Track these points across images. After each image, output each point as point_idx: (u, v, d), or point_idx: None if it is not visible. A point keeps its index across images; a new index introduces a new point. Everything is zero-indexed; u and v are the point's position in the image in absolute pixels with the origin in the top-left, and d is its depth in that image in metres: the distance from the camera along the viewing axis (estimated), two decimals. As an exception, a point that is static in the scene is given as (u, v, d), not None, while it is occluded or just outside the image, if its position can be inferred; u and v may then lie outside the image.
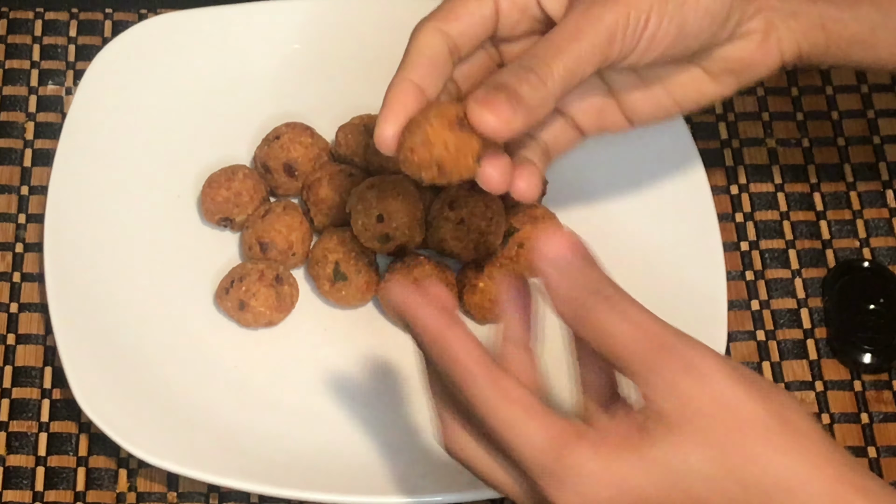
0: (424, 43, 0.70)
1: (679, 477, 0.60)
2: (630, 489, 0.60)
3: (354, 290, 0.82)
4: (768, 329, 0.86)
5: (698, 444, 0.60)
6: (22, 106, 0.92)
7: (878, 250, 0.88)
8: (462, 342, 0.62)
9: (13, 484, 0.80)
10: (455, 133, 0.66)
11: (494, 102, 0.66)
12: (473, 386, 0.62)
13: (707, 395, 0.60)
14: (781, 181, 0.90)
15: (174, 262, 0.85)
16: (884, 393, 0.84)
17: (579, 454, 0.60)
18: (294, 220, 0.84)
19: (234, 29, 0.90)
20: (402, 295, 0.64)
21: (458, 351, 0.62)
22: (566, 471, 0.60)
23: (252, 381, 0.81)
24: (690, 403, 0.60)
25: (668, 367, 0.60)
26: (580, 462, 0.60)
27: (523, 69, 0.67)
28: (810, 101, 0.93)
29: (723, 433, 0.60)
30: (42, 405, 0.82)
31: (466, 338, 0.63)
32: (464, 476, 0.77)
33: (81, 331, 0.80)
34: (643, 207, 0.86)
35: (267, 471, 0.77)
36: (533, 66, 0.67)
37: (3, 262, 0.86)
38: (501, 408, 0.61)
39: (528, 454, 0.61)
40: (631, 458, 0.60)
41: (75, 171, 0.85)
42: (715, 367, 0.60)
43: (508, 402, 0.61)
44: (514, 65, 0.68)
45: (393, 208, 0.81)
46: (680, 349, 0.60)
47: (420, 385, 0.74)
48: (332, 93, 0.90)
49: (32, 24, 0.94)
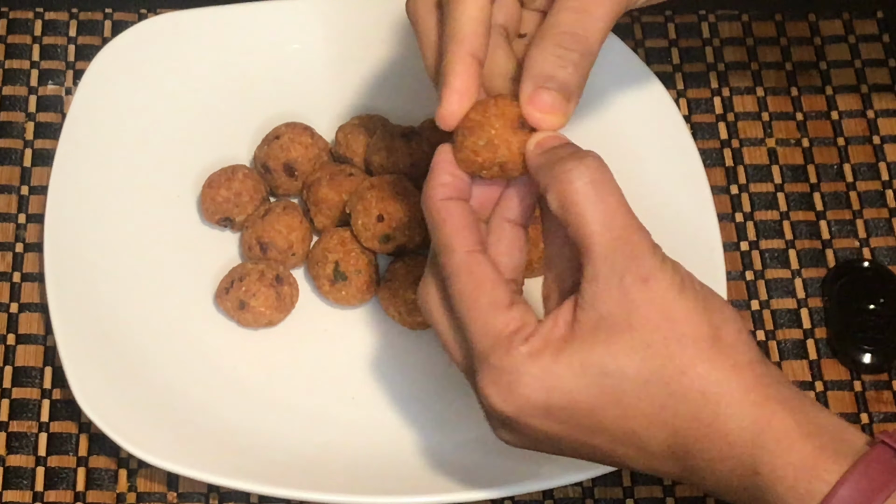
0: (473, 5, 0.68)
1: (612, 381, 0.63)
2: (562, 393, 0.63)
3: (354, 290, 0.82)
4: (768, 329, 0.86)
5: (636, 351, 0.63)
6: (22, 106, 0.92)
7: (878, 250, 0.88)
8: (452, 213, 0.66)
9: (13, 484, 0.80)
10: (517, 135, 0.67)
11: (549, 103, 0.67)
12: (449, 260, 0.66)
13: (655, 307, 0.63)
14: (781, 181, 0.90)
15: (174, 262, 0.85)
16: (884, 393, 0.84)
17: (520, 357, 0.64)
18: (294, 220, 0.83)
19: (233, 29, 0.90)
20: (440, 157, 0.68)
21: (445, 219, 0.66)
22: (503, 369, 0.64)
23: (252, 381, 0.81)
24: (637, 312, 0.63)
25: (627, 272, 0.63)
26: (518, 364, 0.64)
27: (563, 48, 0.67)
28: (810, 101, 0.93)
29: (662, 344, 0.63)
30: (42, 405, 0.82)
31: (459, 211, 0.66)
32: (464, 476, 0.77)
33: (81, 331, 0.80)
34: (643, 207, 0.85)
35: (267, 471, 0.77)
36: (570, 42, 0.67)
37: (3, 262, 0.86)
38: (466, 290, 0.65)
39: (477, 341, 0.65)
40: (568, 361, 0.63)
41: (75, 171, 0.85)
42: (668, 280, 0.63)
43: (474, 286, 0.65)
44: (548, 42, 0.67)
45: (393, 208, 0.81)
46: (641, 255, 0.63)
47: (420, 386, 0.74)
48: (332, 93, 0.90)
49: (32, 24, 0.94)
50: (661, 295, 0.63)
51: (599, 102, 0.87)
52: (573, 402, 0.64)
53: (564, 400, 0.64)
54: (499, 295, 0.65)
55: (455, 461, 0.78)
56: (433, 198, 0.67)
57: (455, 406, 0.80)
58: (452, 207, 0.67)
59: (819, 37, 0.95)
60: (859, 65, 0.94)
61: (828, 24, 0.96)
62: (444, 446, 0.79)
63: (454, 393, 0.80)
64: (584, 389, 0.63)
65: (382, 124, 0.87)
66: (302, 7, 0.91)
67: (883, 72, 0.94)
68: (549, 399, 0.64)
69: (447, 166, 0.68)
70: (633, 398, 0.63)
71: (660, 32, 0.95)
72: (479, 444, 0.78)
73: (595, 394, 0.63)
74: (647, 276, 0.63)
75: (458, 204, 0.67)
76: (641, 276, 0.63)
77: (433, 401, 0.81)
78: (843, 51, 0.95)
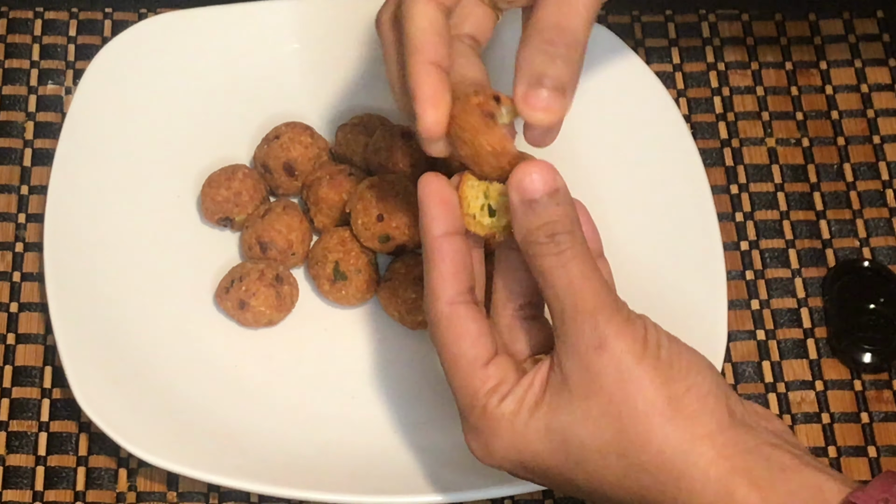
0: (423, 17, 0.68)
1: (573, 449, 0.64)
2: (532, 454, 0.66)
3: (354, 290, 0.82)
4: (768, 328, 0.86)
5: (593, 421, 0.63)
6: (22, 105, 0.92)
7: (878, 250, 0.88)
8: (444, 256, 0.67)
9: (13, 483, 0.80)
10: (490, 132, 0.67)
11: (544, 100, 0.66)
12: (431, 307, 0.67)
13: (611, 376, 0.63)
14: (781, 181, 0.90)
15: (174, 262, 0.85)
16: (884, 392, 0.84)
17: (494, 419, 0.66)
18: (294, 220, 0.84)
19: (233, 29, 0.90)
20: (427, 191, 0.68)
21: (435, 263, 0.67)
22: (479, 429, 0.67)
23: (252, 380, 0.81)
24: (595, 380, 0.63)
25: (583, 337, 0.63)
26: (491, 425, 0.66)
27: (549, 45, 0.67)
28: (810, 101, 0.93)
29: (615, 417, 0.63)
30: (42, 405, 0.82)
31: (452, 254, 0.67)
32: (464, 476, 0.77)
33: (81, 330, 0.80)
34: (643, 207, 0.86)
35: (267, 471, 0.77)
36: (555, 37, 0.67)
37: (3, 261, 0.86)
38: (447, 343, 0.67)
39: (458, 395, 0.68)
40: (536, 426, 0.65)
41: (75, 171, 0.85)
42: (625, 348, 0.63)
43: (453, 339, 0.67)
44: (534, 40, 0.67)
45: (393, 208, 0.81)
46: (600, 322, 0.63)
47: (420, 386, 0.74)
48: (332, 93, 0.90)
49: (32, 24, 0.94)
50: (616, 363, 0.63)
51: (599, 102, 0.87)
52: (543, 462, 0.66)
53: (535, 461, 0.66)
54: (478, 351, 0.67)
55: (455, 461, 0.78)
56: (429, 234, 0.68)
57: (455, 406, 0.80)
58: (445, 249, 0.67)
59: (819, 36, 0.95)
60: (859, 64, 0.94)
61: (828, 23, 0.96)
62: (444, 446, 0.79)
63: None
64: (550, 453, 0.65)
65: (382, 124, 0.87)
66: (301, 7, 0.91)
67: (883, 71, 0.94)
68: (522, 458, 0.66)
69: (435, 197, 0.68)
70: (594, 465, 0.64)
71: (660, 32, 0.95)
72: (479, 443, 0.78)
73: (561, 458, 0.65)
74: (601, 342, 0.63)
75: (452, 242, 0.67)
76: (596, 342, 0.63)
77: (433, 401, 0.81)
78: (844, 50, 0.95)
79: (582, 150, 0.86)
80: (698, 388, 0.63)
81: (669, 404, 0.63)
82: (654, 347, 0.64)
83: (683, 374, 0.63)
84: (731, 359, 0.84)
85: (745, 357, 0.85)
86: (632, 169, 0.87)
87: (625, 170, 0.87)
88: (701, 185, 0.85)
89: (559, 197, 0.66)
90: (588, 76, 0.69)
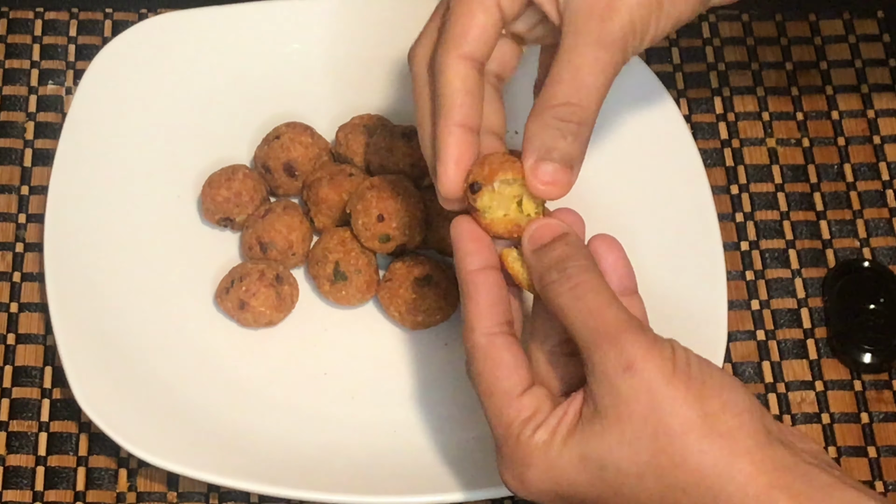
0: (456, 76, 0.69)
1: (609, 475, 0.63)
2: (567, 484, 0.65)
3: (354, 290, 0.82)
4: (768, 329, 0.86)
5: (628, 445, 0.63)
6: (22, 106, 0.92)
7: (879, 250, 0.88)
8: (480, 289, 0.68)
9: (13, 484, 0.80)
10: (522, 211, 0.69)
11: (551, 175, 0.68)
12: (469, 337, 0.68)
13: (642, 397, 0.62)
14: (781, 181, 0.90)
15: (174, 262, 0.85)
16: (884, 393, 0.84)
17: (528, 449, 0.65)
18: (294, 220, 0.84)
19: (233, 29, 0.90)
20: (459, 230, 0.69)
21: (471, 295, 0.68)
22: (514, 460, 0.66)
23: (252, 381, 0.81)
24: (626, 404, 0.63)
25: (610, 362, 0.63)
26: (526, 456, 0.65)
27: (561, 121, 0.68)
28: (810, 101, 0.93)
29: (651, 438, 0.62)
30: (42, 405, 0.82)
31: (488, 287, 0.68)
32: (464, 476, 0.77)
33: (81, 331, 0.80)
34: (643, 207, 0.86)
35: (267, 471, 0.77)
36: (567, 115, 0.68)
37: (4, 261, 0.86)
38: (483, 374, 0.67)
39: (493, 425, 0.67)
40: (569, 455, 0.64)
41: (75, 171, 0.85)
42: (654, 369, 0.63)
43: (489, 371, 0.67)
44: (546, 115, 0.68)
45: (393, 208, 0.81)
46: (626, 345, 0.63)
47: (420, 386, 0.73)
48: (332, 93, 0.90)
49: (32, 24, 0.94)
50: (647, 384, 0.62)
51: (599, 102, 0.87)
52: (579, 492, 0.65)
53: (572, 490, 0.65)
54: (513, 383, 0.66)
55: (455, 461, 0.78)
56: (464, 269, 0.68)
57: (455, 406, 0.80)
58: (481, 282, 0.68)
59: (819, 36, 0.95)
60: (860, 65, 0.94)
61: (828, 23, 0.96)
62: (445, 446, 0.79)
63: (454, 393, 0.80)
64: (586, 482, 0.64)
65: (382, 124, 0.87)
66: (302, 7, 0.91)
67: (883, 72, 0.94)
68: (558, 489, 0.65)
69: (467, 234, 0.69)
70: (632, 489, 0.63)
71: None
72: (479, 443, 0.78)
73: (598, 486, 0.64)
74: (629, 364, 0.63)
75: (487, 276, 0.68)
76: (624, 364, 0.63)
77: (433, 401, 0.81)
78: (844, 51, 0.95)
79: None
80: (734, 405, 0.63)
81: (705, 422, 0.62)
82: (685, 366, 0.63)
83: (717, 391, 0.63)
84: (731, 359, 0.84)
85: (745, 357, 0.85)
86: (632, 169, 0.87)
87: (625, 170, 0.87)
88: (701, 185, 0.85)
89: (568, 239, 0.67)
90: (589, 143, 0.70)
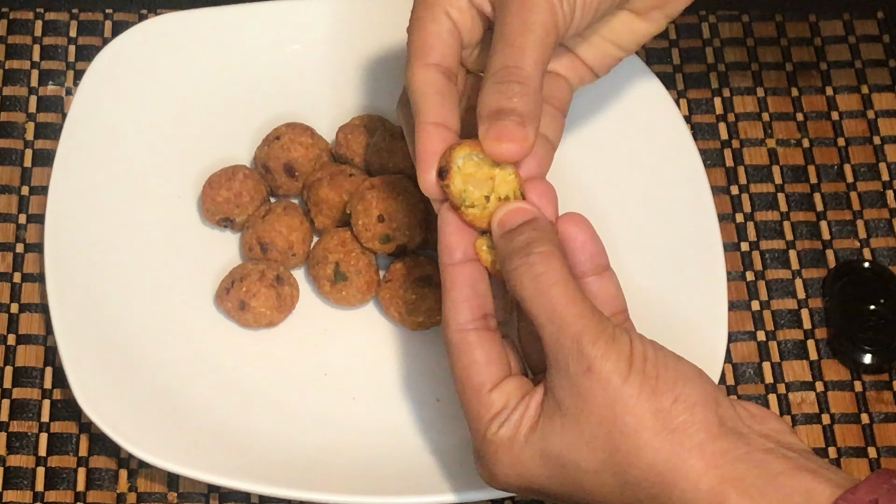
0: (423, 81, 0.71)
1: (569, 472, 0.65)
2: (531, 478, 0.67)
3: (354, 291, 0.82)
4: (769, 329, 0.86)
5: (586, 443, 0.65)
6: (22, 106, 0.92)
7: (879, 250, 0.88)
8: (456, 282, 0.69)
9: (13, 484, 0.80)
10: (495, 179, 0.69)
11: (504, 132, 0.68)
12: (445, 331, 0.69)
13: (599, 397, 0.64)
14: (781, 181, 0.90)
15: (174, 263, 0.85)
16: (884, 393, 0.84)
17: (493, 445, 0.67)
18: (294, 221, 0.84)
19: (233, 29, 0.90)
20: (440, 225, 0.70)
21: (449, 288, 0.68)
22: (483, 455, 0.68)
23: (252, 381, 0.81)
24: (585, 403, 0.64)
25: (571, 362, 0.64)
26: (492, 451, 0.67)
27: (502, 83, 0.69)
28: (810, 102, 0.93)
29: (606, 437, 0.64)
30: (42, 405, 0.82)
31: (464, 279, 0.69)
32: (464, 476, 0.77)
33: (82, 331, 0.80)
34: (643, 208, 0.86)
35: (267, 471, 0.77)
36: (506, 76, 0.69)
37: (4, 262, 0.86)
38: (456, 369, 0.69)
39: (468, 419, 0.69)
40: (531, 452, 0.66)
41: (75, 171, 0.85)
42: (611, 368, 0.64)
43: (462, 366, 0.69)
44: (488, 84, 0.69)
45: (393, 208, 0.81)
46: (585, 346, 0.64)
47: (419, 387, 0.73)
48: (332, 93, 0.90)
49: (32, 25, 0.94)
50: (603, 385, 0.64)
51: (599, 103, 0.87)
52: (543, 485, 0.67)
53: (536, 483, 0.67)
54: (483, 379, 0.68)
55: (455, 461, 0.78)
56: (441, 263, 0.69)
57: (455, 406, 0.80)
58: (456, 275, 0.69)
59: (819, 37, 0.95)
60: (859, 65, 0.94)
61: (828, 24, 0.96)
62: (444, 446, 0.79)
63: (454, 393, 0.80)
64: (548, 477, 0.66)
65: (382, 124, 0.87)
66: (302, 7, 0.91)
67: (883, 72, 0.94)
68: (523, 482, 0.67)
69: (450, 226, 0.70)
70: (591, 485, 0.65)
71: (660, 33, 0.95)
72: (479, 444, 0.78)
73: (559, 481, 0.66)
74: (588, 365, 0.64)
75: (462, 269, 0.69)
76: (584, 365, 0.64)
77: (433, 401, 0.81)
78: (844, 51, 0.95)
79: (582, 152, 0.86)
80: (685, 398, 0.64)
81: (657, 418, 0.63)
82: (640, 362, 0.65)
83: (670, 385, 0.64)
84: (731, 360, 0.84)
85: (745, 358, 0.85)
86: (632, 170, 0.87)
87: (625, 171, 0.87)
88: (701, 185, 0.85)
89: (535, 223, 0.68)
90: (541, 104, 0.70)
